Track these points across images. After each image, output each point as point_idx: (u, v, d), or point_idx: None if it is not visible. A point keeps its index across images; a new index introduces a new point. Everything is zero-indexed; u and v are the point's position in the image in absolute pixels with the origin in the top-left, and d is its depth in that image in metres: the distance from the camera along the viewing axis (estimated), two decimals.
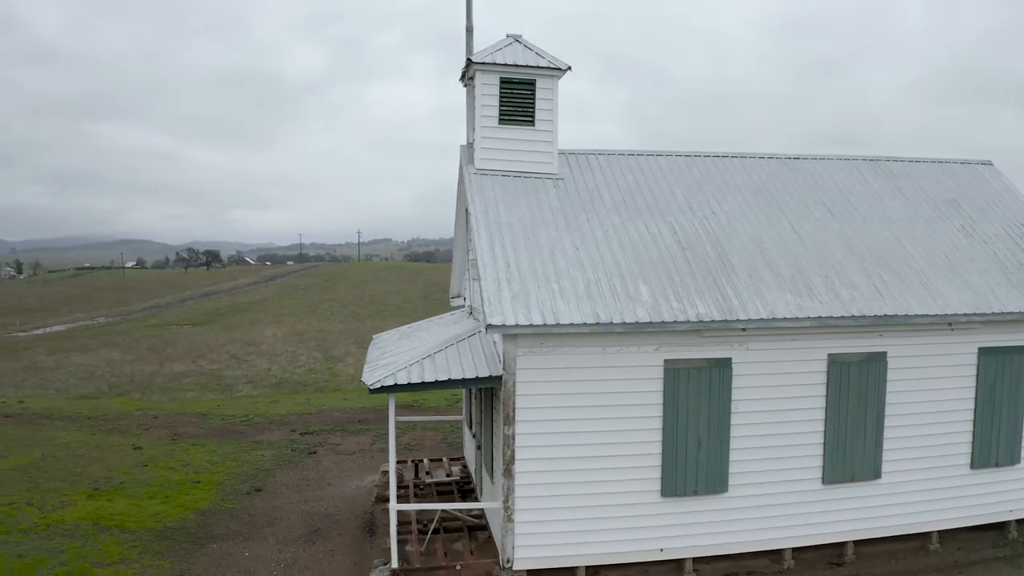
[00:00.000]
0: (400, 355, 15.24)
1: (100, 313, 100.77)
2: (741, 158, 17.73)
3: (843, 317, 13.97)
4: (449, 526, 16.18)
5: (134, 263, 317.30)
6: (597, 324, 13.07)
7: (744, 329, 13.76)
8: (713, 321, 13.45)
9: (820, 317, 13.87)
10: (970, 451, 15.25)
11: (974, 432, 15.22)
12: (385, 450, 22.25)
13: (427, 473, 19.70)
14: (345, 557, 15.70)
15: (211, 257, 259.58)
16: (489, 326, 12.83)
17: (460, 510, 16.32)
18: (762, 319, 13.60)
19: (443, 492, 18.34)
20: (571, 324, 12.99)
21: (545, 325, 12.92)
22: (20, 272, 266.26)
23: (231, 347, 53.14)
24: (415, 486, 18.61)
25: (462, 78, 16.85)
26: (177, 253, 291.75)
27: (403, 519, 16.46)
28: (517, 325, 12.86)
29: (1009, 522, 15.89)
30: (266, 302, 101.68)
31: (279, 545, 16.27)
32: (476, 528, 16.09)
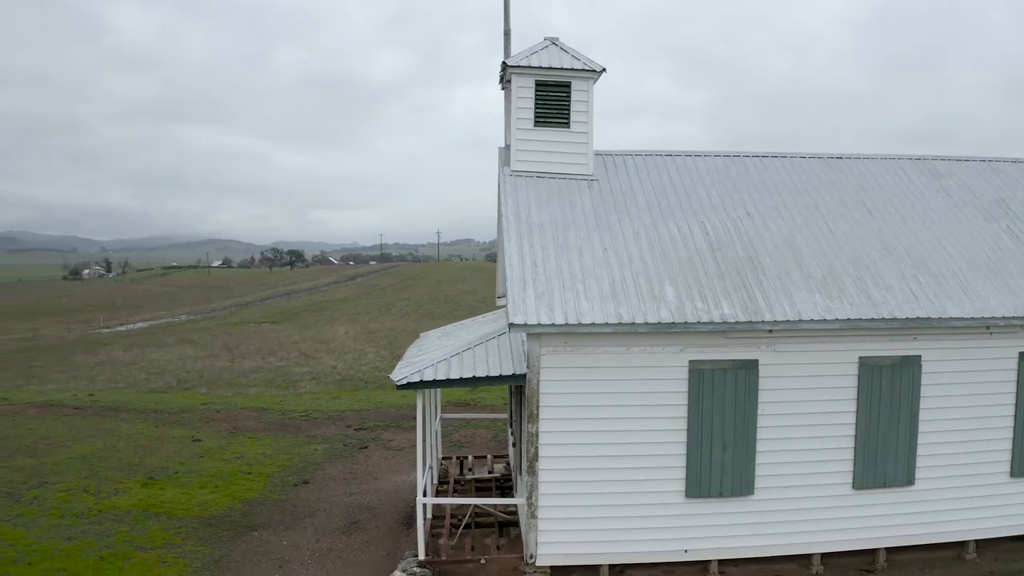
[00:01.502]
0: (432, 352, 15.59)
1: (183, 311, 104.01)
2: (782, 158, 17.61)
3: (873, 319, 13.79)
4: (482, 521, 16.46)
5: (220, 262, 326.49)
6: (619, 324, 13.19)
7: (771, 331, 13.70)
8: (738, 322, 13.43)
9: (849, 319, 13.72)
10: (1010, 459, 14.82)
11: (1014, 439, 14.79)
12: (435, 446, 22.62)
13: (469, 470, 20.02)
14: (379, 548, 16.12)
15: (295, 256, 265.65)
16: (512, 325, 13.06)
17: (492, 506, 16.56)
18: (788, 321, 13.52)
19: (482, 489, 18.63)
20: (593, 324, 13.13)
21: (567, 324, 13.10)
22: (109, 271, 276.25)
23: (302, 345, 54.39)
24: (456, 482, 18.94)
25: (500, 81, 17.12)
26: (262, 253, 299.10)
27: (438, 513, 16.82)
28: (539, 324, 13.07)
29: None
30: (344, 301, 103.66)
31: (317, 535, 16.78)
32: (509, 524, 16.32)
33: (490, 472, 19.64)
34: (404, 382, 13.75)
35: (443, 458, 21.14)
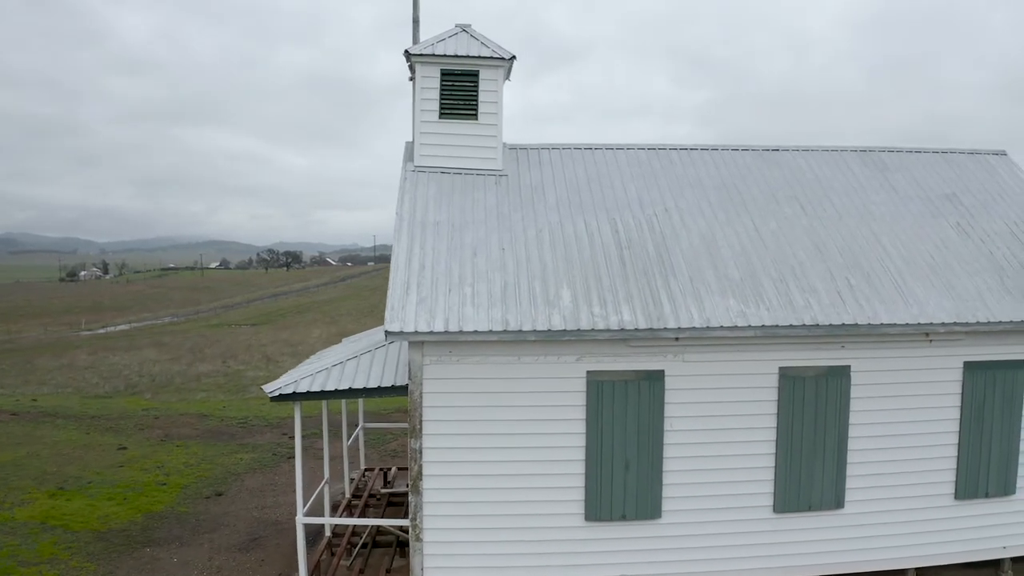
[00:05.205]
0: (321, 361, 14.35)
1: (168, 312, 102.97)
2: (711, 151, 16.30)
3: (793, 326, 12.49)
4: (382, 540, 15.30)
5: (218, 264, 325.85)
6: (505, 332, 11.93)
7: (677, 339, 12.42)
8: (637, 330, 12.13)
9: (765, 326, 12.41)
10: (954, 480, 13.50)
11: (959, 458, 13.47)
12: (369, 455, 21.48)
13: (389, 483, 18.80)
14: (273, 567, 14.99)
15: (291, 258, 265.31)
16: (388, 333, 11.83)
17: (396, 526, 15.33)
18: (695, 328, 12.23)
19: (396, 503, 17.42)
20: (476, 331, 11.88)
21: (448, 332, 11.85)
22: (106, 272, 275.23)
23: (270, 348, 53.18)
24: (370, 496, 17.72)
25: (411, 73, 15.85)
26: (258, 254, 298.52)
27: (340, 531, 15.66)
28: (417, 332, 11.82)
29: (1003, 560, 14.08)
30: (329, 303, 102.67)
31: (212, 552, 15.68)
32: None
33: (408, 486, 18.38)
34: (276, 394, 12.51)
35: (366, 469, 19.94)
